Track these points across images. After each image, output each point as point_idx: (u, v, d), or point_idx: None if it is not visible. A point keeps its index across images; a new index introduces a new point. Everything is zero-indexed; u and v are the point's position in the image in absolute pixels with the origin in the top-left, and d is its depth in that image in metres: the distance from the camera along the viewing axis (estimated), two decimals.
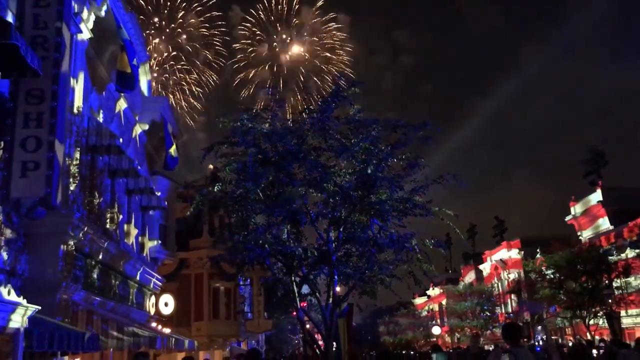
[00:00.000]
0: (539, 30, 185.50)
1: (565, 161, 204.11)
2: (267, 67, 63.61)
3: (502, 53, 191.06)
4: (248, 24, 62.07)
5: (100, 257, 12.29)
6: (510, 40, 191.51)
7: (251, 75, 62.86)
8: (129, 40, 13.02)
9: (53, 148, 9.27)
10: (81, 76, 11.47)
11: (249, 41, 62.97)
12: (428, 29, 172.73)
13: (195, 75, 59.42)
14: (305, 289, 15.00)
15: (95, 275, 12.14)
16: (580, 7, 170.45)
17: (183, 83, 58.64)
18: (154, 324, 17.56)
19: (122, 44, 12.58)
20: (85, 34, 11.58)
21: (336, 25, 62.42)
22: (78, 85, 11.24)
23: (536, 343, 38.19)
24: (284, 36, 64.12)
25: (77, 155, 11.18)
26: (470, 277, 64.51)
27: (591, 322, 32.10)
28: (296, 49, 64.26)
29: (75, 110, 11.06)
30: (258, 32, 62.60)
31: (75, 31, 11.05)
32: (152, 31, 57.05)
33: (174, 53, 58.92)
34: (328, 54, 62.41)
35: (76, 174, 11.07)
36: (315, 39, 63.51)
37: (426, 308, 77.83)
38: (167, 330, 18.06)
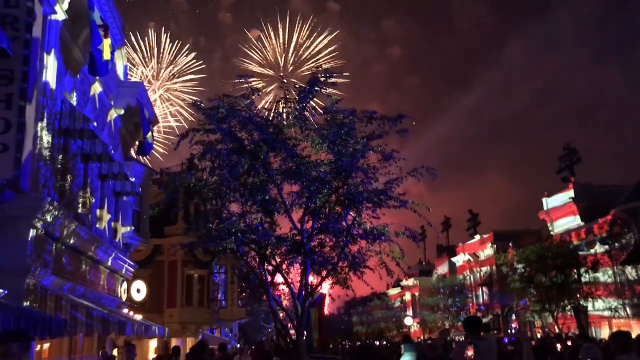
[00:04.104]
0: (523, 26, 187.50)
1: (540, 156, 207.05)
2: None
3: (486, 47, 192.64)
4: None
5: (71, 241, 12.16)
6: (495, 34, 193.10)
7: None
8: (105, 23, 12.83)
9: (23, 130, 9.13)
10: (54, 58, 11.26)
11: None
12: (415, 20, 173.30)
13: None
14: (278, 277, 15.04)
15: (65, 260, 12.02)
16: (564, 5, 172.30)
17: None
18: (125, 310, 17.46)
19: (98, 26, 12.38)
20: (59, 15, 11.36)
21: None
22: (51, 67, 11.04)
23: (508, 333, 38.79)
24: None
25: (49, 138, 11.02)
26: (443, 269, 65.24)
27: (559, 315, 32.77)
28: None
29: (47, 93, 10.88)
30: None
31: (48, 11, 10.84)
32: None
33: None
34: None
35: (47, 158, 10.91)
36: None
37: (399, 299, 78.58)
38: (138, 317, 17.98)
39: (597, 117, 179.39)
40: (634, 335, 13.63)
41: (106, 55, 12.38)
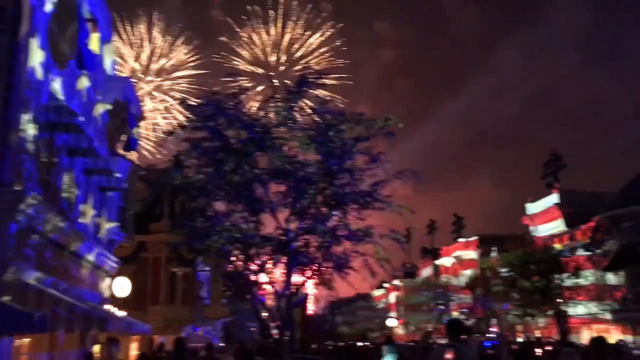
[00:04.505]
0: (514, 32, 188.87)
1: (527, 162, 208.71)
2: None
3: (477, 52, 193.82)
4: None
5: (54, 236, 12.05)
6: (486, 40, 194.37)
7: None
8: (94, 17, 12.74)
9: (7, 123, 9.04)
10: (42, 51, 11.16)
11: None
12: (408, 24, 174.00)
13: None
14: (263, 277, 15.01)
15: (47, 255, 11.91)
16: (554, 12, 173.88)
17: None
18: (108, 307, 17.34)
19: (86, 20, 12.30)
20: (47, 7, 11.26)
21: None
22: (38, 61, 10.94)
23: (489, 337, 39.04)
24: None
25: (34, 131, 10.91)
26: (427, 271, 65.53)
27: (540, 320, 33.06)
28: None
29: (34, 86, 10.78)
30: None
31: (36, 4, 10.74)
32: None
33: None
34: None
35: (32, 151, 10.80)
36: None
37: (383, 300, 78.81)
38: (121, 313, 17.87)
39: (584, 124, 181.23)
40: (613, 341, 13.81)
41: (94, 50, 12.30)
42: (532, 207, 44.15)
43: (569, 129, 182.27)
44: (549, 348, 18.03)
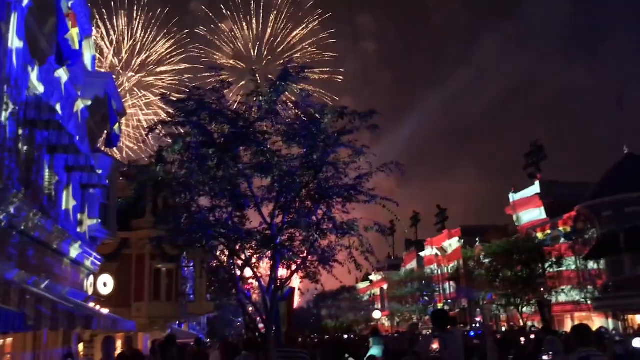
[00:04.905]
0: (495, 23, 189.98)
1: (508, 153, 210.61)
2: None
3: (458, 44, 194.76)
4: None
5: (36, 234, 11.93)
6: (467, 31, 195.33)
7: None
8: (72, 12, 12.57)
9: None
10: (20, 46, 11.00)
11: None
12: (389, 15, 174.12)
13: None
14: (248, 272, 14.99)
15: (29, 253, 11.79)
16: (534, 4, 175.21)
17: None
18: (91, 304, 17.22)
19: (65, 14, 12.12)
20: (25, 1, 11.09)
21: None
22: (16, 56, 10.79)
23: (473, 327, 39.47)
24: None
25: (14, 128, 10.77)
26: (412, 263, 65.95)
27: (524, 309, 33.50)
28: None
29: (12, 82, 10.62)
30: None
31: None
32: None
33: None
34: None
35: (12, 149, 10.66)
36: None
37: (368, 293, 79.20)
38: (105, 311, 17.76)
39: (564, 115, 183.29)
40: (594, 329, 14.03)
41: (74, 45, 12.14)
42: (515, 197, 44.63)
43: (551, 119, 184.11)
44: (532, 336, 18.26)
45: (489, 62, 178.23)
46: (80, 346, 18.14)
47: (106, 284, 23.06)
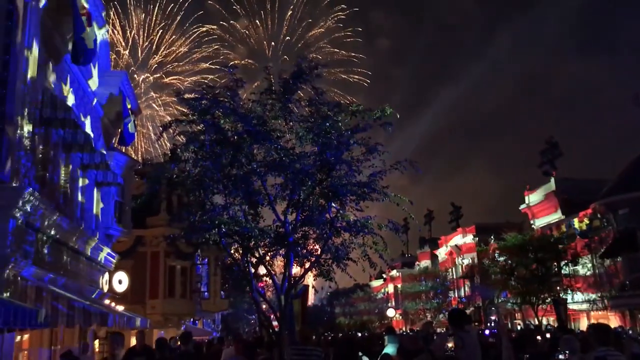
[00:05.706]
0: (510, 20, 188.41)
1: (524, 150, 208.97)
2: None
3: (473, 41, 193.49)
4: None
5: (52, 232, 12.03)
6: (482, 28, 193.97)
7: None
8: (87, 11, 12.64)
9: (3, 120, 8.98)
10: (36, 46, 11.08)
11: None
12: (402, 12, 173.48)
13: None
14: (262, 269, 15.01)
15: (46, 251, 11.89)
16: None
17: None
18: (107, 301, 17.36)
19: (80, 14, 12.19)
20: (41, 1, 11.17)
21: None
22: (32, 56, 10.86)
23: (488, 326, 39.24)
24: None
25: (30, 127, 10.86)
26: (425, 261, 65.70)
27: (539, 308, 33.19)
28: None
29: (28, 82, 10.71)
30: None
31: None
32: None
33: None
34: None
35: (28, 147, 10.75)
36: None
37: (382, 291, 79.00)
38: (120, 308, 17.90)
39: (580, 111, 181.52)
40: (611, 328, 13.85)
41: (89, 44, 12.21)
42: (531, 198, 44.19)
43: (566, 117, 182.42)
44: (548, 335, 18.11)
45: (502, 58, 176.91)
46: (96, 343, 18.29)
47: (121, 281, 23.22)
